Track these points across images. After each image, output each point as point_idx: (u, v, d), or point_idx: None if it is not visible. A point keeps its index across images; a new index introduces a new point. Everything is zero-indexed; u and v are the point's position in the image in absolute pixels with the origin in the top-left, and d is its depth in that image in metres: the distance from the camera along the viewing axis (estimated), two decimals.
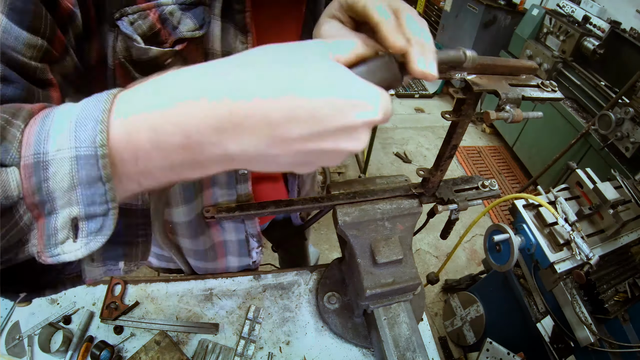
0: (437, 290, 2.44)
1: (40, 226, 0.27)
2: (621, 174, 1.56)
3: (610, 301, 1.28)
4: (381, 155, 3.51)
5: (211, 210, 0.76)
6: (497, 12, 3.71)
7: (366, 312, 0.83)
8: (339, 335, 0.89)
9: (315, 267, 1.03)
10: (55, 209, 0.27)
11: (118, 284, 0.92)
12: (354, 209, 0.77)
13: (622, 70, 2.60)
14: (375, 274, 0.75)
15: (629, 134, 2.20)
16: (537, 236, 1.35)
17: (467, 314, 1.95)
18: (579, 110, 2.80)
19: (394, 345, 0.74)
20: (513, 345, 1.52)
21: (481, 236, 2.79)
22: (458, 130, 0.65)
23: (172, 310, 0.91)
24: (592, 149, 2.53)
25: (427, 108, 4.36)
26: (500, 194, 0.87)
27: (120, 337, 0.85)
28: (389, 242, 0.75)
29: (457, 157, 3.61)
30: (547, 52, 3.00)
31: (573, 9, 2.99)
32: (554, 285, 1.36)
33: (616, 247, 1.39)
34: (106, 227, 0.28)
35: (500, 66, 0.58)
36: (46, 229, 0.27)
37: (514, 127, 3.45)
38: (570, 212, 1.33)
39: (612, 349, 1.22)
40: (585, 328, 1.26)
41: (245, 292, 0.96)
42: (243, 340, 0.87)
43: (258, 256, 0.99)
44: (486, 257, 1.48)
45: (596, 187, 1.39)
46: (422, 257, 2.62)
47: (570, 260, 1.31)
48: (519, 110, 0.53)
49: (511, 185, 3.38)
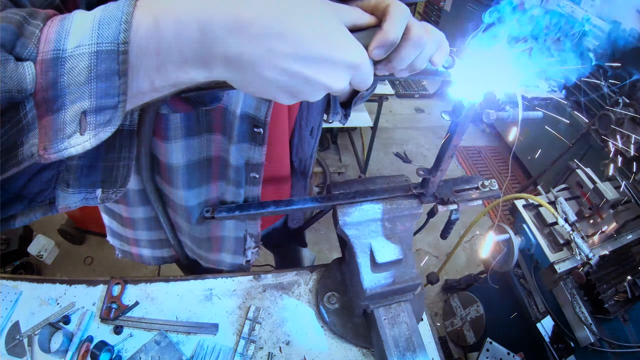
0: (437, 290, 2.43)
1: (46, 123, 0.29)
2: (621, 174, 1.56)
3: (610, 301, 1.28)
4: (381, 155, 3.51)
5: (211, 210, 0.76)
6: None
7: (366, 312, 0.83)
8: (339, 335, 0.89)
9: (315, 267, 1.03)
10: (64, 105, 0.28)
11: (118, 284, 0.92)
12: (354, 209, 0.77)
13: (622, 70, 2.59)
14: (375, 274, 0.75)
15: (629, 134, 2.20)
16: (537, 236, 1.35)
17: (467, 314, 1.95)
18: (579, 110, 2.80)
19: (394, 345, 0.73)
20: (513, 345, 1.52)
21: (481, 236, 2.79)
22: (458, 130, 0.65)
23: (172, 310, 0.91)
24: (592, 149, 2.53)
25: (427, 108, 4.36)
26: (500, 194, 0.87)
27: (120, 337, 0.85)
28: (389, 242, 0.75)
29: (457, 157, 3.61)
30: None
31: (573, 9, 2.99)
32: (554, 285, 1.36)
33: (616, 247, 1.39)
34: (115, 119, 0.30)
35: None
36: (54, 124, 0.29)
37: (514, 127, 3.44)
38: (570, 212, 1.33)
39: (612, 349, 1.22)
40: (585, 328, 1.26)
41: (245, 292, 0.96)
42: (243, 340, 0.86)
43: (253, 257, 0.99)
44: (486, 257, 1.48)
45: (596, 187, 1.39)
46: (422, 257, 2.62)
47: (570, 260, 1.31)
48: (519, 110, 0.53)
49: (511, 185, 3.38)
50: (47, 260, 2.32)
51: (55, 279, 0.94)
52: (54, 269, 2.34)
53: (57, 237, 2.45)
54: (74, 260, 2.39)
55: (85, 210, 2.06)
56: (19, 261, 2.21)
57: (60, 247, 2.44)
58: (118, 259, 1.11)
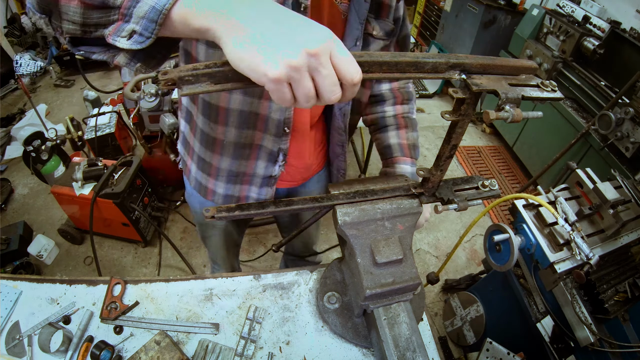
0: (437, 290, 2.44)
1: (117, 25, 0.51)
2: (621, 174, 1.56)
3: (610, 301, 1.28)
4: None
5: (211, 210, 0.76)
6: (497, 12, 3.71)
7: (366, 312, 0.83)
8: (339, 335, 0.89)
9: (315, 267, 1.03)
10: (129, 21, 0.50)
11: (118, 284, 0.92)
12: (354, 209, 0.77)
13: (622, 70, 2.60)
14: (375, 274, 0.75)
15: (629, 134, 2.20)
16: (537, 236, 1.35)
17: (467, 314, 1.95)
18: (579, 110, 2.80)
19: (394, 345, 0.73)
20: (513, 345, 1.52)
21: (481, 236, 2.79)
22: (458, 130, 0.65)
23: (172, 310, 0.91)
24: (592, 149, 2.53)
25: (427, 108, 4.36)
26: (500, 193, 0.87)
27: (120, 337, 0.85)
28: (389, 242, 0.75)
29: (457, 157, 3.61)
30: (547, 52, 3.00)
31: (573, 9, 2.99)
32: (554, 285, 1.36)
33: (616, 247, 1.39)
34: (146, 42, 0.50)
35: (500, 66, 0.58)
36: (120, 27, 0.51)
37: (514, 127, 3.45)
38: (570, 212, 1.33)
39: (612, 349, 1.22)
40: (585, 328, 1.26)
41: (245, 292, 0.96)
42: (243, 340, 0.87)
43: (279, 170, 1.02)
44: (486, 257, 1.48)
45: (596, 187, 1.39)
46: (422, 257, 2.62)
47: (570, 260, 1.31)
48: (519, 110, 0.53)
49: (511, 185, 3.38)
50: (47, 260, 2.32)
51: (55, 279, 0.95)
52: (54, 269, 2.34)
53: (57, 237, 2.45)
54: (74, 260, 2.39)
55: (86, 211, 2.06)
56: (19, 261, 2.21)
57: (60, 247, 2.44)
58: (118, 259, 1.11)
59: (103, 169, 2.13)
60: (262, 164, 1.01)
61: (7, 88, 3.92)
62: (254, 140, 0.95)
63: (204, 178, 1.07)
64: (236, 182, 1.04)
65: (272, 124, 0.90)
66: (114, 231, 2.37)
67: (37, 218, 2.65)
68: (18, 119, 3.40)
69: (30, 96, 3.07)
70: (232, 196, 1.07)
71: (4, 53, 3.89)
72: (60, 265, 2.36)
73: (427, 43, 5.01)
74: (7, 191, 2.77)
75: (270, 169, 1.02)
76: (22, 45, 4.24)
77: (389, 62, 0.52)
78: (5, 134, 3.21)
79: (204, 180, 1.07)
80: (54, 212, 2.67)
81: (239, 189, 1.06)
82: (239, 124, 0.90)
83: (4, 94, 3.86)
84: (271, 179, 1.04)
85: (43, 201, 2.75)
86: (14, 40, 4.17)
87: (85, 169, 2.10)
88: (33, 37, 4.31)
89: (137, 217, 2.27)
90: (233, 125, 0.91)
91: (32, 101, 3.06)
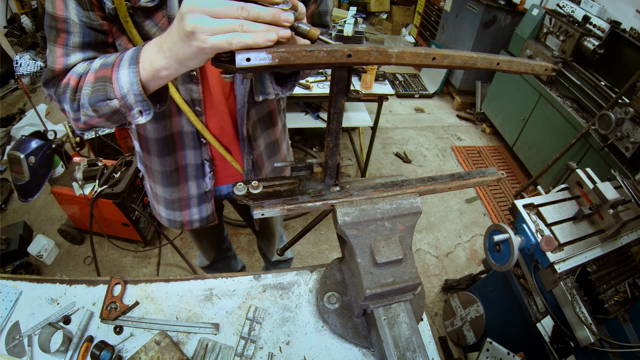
0: (437, 290, 2.44)
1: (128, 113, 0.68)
2: (621, 174, 1.56)
3: (610, 301, 1.28)
4: (381, 155, 3.51)
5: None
6: (497, 12, 3.71)
7: (366, 312, 0.83)
8: (339, 335, 0.89)
9: (315, 267, 1.03)
10: (132, 108, 0.67)
11: (118, 284, 0.92)
12: (354, 209, 0.77)
13: (622, 70, 2.60)
14: (375, 274, 0.75)
15: (629, 134, 2.20)
16: (537, 236, 1.35)
17: (467, 314, 1.95)
18: (579, 110, 2.80)
19: (394, 345, 0.73)
20: (513, 345, 1.52)
21: (481, 236, 2.79)
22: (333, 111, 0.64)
23: (172, 310, 0.91)
24: (592, 149, 2.53)
25: (427, 108, 4.36)
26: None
27: (120, 337, 0.85)
28: (389, 242, 0.75)
29: (457, 157, 3.61)
30: (547, 52, 3.00)
31: (573, 9, 2.99)
32: (554, 285, 1.36)
33: (616, 247, 1.39)
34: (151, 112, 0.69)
35: None
36: (131, 114, 0.68)
37: (514, 127, 3.45)
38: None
39: (612, 349, 1.22)
40: (585, 328, 1.26)
41: (245, 292, 0.96)
42: (243, 340, 0.87)
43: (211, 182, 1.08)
44: (486, 257, 1.48)
45: (596, 187, 1.39)
46: (422, 257, 2.62)
47: (570, 260, 1.31)
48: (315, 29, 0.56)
49: (511, 185, 3.38)
50: (47, 260, 2.32)
51: (55, 279, 0.95)
52: (54, 269, 2.34)
53: (57, 237, 2.45)
54: (74, 260, 2.39)
55: (85, 211, 2.06)
56: (19, 261, 2.21)
57: (60, 247, 2.44)
58: (118, 258, 1.13)
59: (103, 169, 2.13)
60: (193, 183, 1.07)
61: (7, 88, 3.92)
62: (177, 163, 1.02)
63: (152, 200, 1.19)
64: (174, 209, 1.13)
65: (188, 137, 0.97)
66: (114, 231, 2.37)
67: (37, 218, 2.65)
68: (18, 119, 3.40)
69: (30, 96, 3.06)
70: (175, 221, 1.16)
71: (4, 53, 3.89)
72: (60, 265, 2.36)
73: (427, 43, 5.01)
74: (7, 191, 2.77)
75: (202, 185, 1.08)
76: (22, 45, 4.24)
77: None
78: (6, 134, 3.21)
79: (153, 202, 1.19)
80: (54, 212, 2.67)
81: (180, 215, 1.14)
82: (159, 152, 0.99)
83: (4, 94, 3.86)
84: (207, 194, 1.11)
85: (43, 201, 2.76)
86: (14, 40, 4.18)
87: (85, 169, 2.10)
88: (33, 37, 4.31)
89: (137, 217, 2.27)
90: (155, 154, 1.00)
91: (32, 101, 3.06)
